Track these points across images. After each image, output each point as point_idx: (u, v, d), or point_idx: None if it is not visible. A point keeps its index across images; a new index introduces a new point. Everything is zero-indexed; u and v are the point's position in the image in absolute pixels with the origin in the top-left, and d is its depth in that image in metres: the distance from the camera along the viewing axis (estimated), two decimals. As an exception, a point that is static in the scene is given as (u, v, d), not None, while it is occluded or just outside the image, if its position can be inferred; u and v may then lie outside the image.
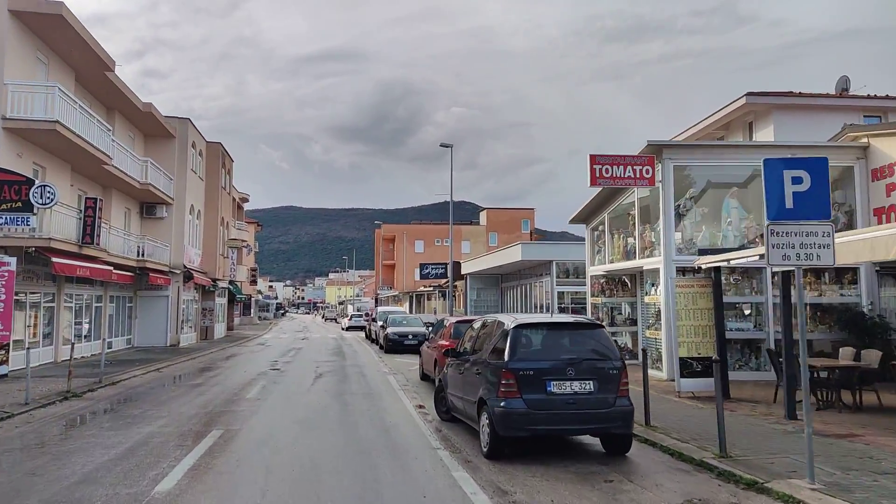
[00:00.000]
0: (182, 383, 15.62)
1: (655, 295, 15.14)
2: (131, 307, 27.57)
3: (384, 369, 18.63)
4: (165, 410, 11.25)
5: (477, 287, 34.67)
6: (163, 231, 28.27)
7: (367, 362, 21.13)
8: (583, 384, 7.17)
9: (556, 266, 23.55)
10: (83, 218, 18.68)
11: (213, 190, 33.38)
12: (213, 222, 33.34)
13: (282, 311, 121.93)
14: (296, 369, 18.73)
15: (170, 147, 28.83)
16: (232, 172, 38.23)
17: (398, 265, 70.47)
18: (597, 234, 19.16)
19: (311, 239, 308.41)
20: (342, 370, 18.45)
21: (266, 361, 21.49)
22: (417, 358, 21.94)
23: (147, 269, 25.33)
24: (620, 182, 14.74)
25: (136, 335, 27.79)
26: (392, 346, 25.01)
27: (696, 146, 17.92)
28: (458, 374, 8.97)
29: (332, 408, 11.49)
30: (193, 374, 17.81)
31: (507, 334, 7.51)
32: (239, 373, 17.75)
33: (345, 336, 41.69)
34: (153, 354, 23.64)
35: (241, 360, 22.67)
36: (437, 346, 13.67)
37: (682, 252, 14.73)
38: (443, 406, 9.99)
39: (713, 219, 15.29)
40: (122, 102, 24.27)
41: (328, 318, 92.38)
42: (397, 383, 15.06)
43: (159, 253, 27.15)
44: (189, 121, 29.33)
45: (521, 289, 30.12)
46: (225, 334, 40.16)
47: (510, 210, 70.03)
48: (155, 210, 28.05)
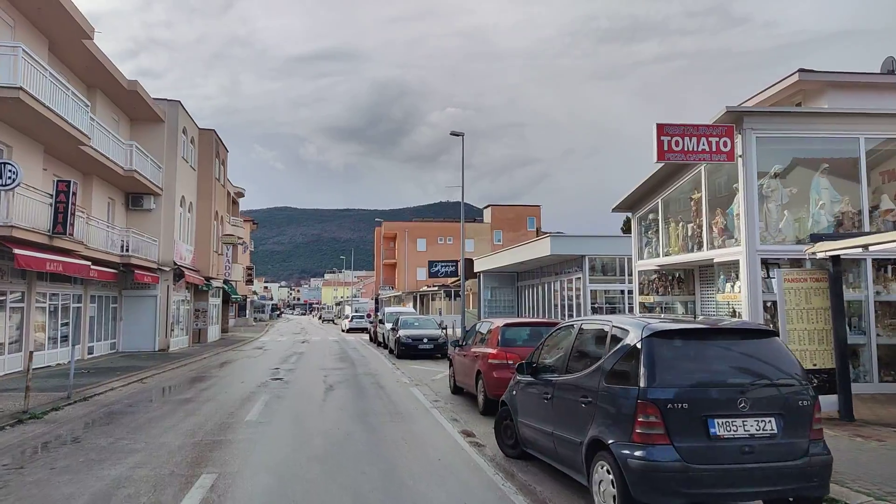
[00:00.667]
0: (168, 398, 13.12)
1: (734, 292, 12.73)
2: (115, 308, 25.02)
3: (403, 379, 16.17)
4: (143, 440, 8.77)
5: (491, 286, 32.25)
6: (151, 224, 25.73)
7: (381, 370, 18.67)
8: (761, 422, 4.74)
9: (588, 261, 21.15)
10: (55, 204, 16.14)
11: (206, 181, 30.84)
12: (207, 216, 30.80)
13: (277, 312, 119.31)
14: (301, 379, 16.25)
15: (158, 132, 26.28)
16: (226, 163, 35.70)
17: (399, 264, 67.97)
18: (646, 224, 16.73)
19: (306, 240, 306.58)
20: (355, 380, 15.98)
21: (266, 369, 19.00)
22: (436, 365, 19.60)
23: (132, 266, 22.78)
24: (693, 157, 12.31)
25: (120, 339, 25.23)
26: (405, 351, 22.56)
27: (783, 113, 15.15)
28: (540, 399, 6.52)
29: (355, 436, 9.02)
30: (183, 385, 15.30)
31: (636, 346, 5.07)
32: (236, 384, 15.26)
33: (347, 339, 39.21)
34: (139, 361, 21.11)
35: (238, 367, 20.16)
36: (477, 354, 11.20)
37: (765, 241, 12.33)
38: (508, 438, 7.54)
39: (800, 201, 12.90)
40: (105, 79, 21.72)
41: (326, 319, 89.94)
42: (426, 398, 12.60)
43: (146, 248, 24.61)
44: (179, 104, 26.80)
45: (542, 288, 27.71)
46: (219, 337, 37.60)
47: (516, 207, 67.67)
48: (142, 201, 25.50)
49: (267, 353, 26.55)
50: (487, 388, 10.21)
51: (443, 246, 66.39)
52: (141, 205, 25.50)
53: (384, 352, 26.46)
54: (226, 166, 35.61)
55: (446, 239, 67.37)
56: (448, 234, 67.56)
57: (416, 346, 22.48)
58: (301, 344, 32.96)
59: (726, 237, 13.38)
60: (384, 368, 19.23)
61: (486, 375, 10.25)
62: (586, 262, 21.15)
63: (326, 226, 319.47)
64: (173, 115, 26.63)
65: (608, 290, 21.70)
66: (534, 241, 22.30)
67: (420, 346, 22.49)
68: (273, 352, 27.15)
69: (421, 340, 22.59)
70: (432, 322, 25.23)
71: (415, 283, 64.79)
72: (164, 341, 25.80)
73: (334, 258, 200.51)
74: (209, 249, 30.91)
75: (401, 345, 22.67)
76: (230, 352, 27.35)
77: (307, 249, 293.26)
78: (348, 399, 12.68)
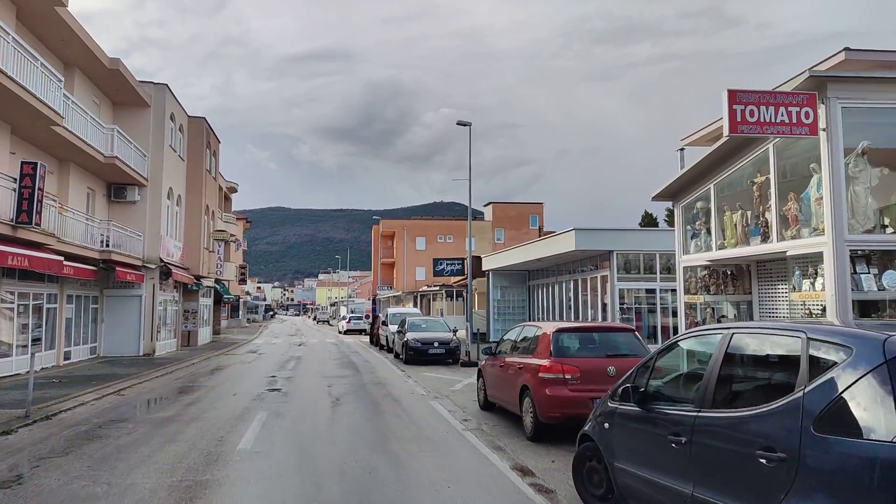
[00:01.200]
0: (146, 416, 11.10)
1: (814, 290, 10.83)
2: (96, 309, 22.93)
3: (419, 390, 14.19)
4: (105, 479, 6.77)
5: (501, 285, 30.30)
6: (135, 218, 23.66)
7: (391, 378, 16.69)
8: None
9: (616, 257, 19.23)
10: (18, 189, 14.08)
11: (197, 172, 28.77)
12: (197, 210, 28.72)
13: (271, 313, 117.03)
14: (302, 390, 14.25)
15: (143, 118, 24.21)
16: (218, 155, 33.60)
17: (398, 263, 65.94)
18: (693, 214, 14.80)
19: (299, 240, 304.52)
20: (364, 392, 14.00)
21: (261, 377, 16.99)
22: (450, 372, 17.59)
23: (113, 263, 20.70)
24: (770, 130, 10.39)
25: (101, 343, 23.14)
26: (414, 357, 20.59)
27: (878, 80, 13.08)
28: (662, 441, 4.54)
29: (380, 473, 7.05)
30: (166, 398, 13.27)
31: (875, 375, 3.12)
32: (227, 397, 13.24)
33: (345, 341, 37.20)
34: (120, 368, 19.06)
35: (230, 374, 18.13)
36: (522, 365, 9.21)
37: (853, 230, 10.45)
38: (595, 486, 5.56)
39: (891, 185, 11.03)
40: (83, 56, 19.66)
41: (320, 320, 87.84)
42: (452, 417, 10.64)
43: (130, 244, 22.54)
44: (167, 87, 24.73)
45: (558, 287, 25.79)
46: (210, 340, 35.50)
47: (517, 205, 65.76)
48: (125, 192, 23.41)
49: (262, 357, 24.52)
50: (538, 409, 8.26)
51: (443, 244, 64.39)
52: (124, 196, 23.41)
53: (389, 356, 24.47)
54: (218, 158, 33.52)
55: (446, 237, 65.40)
56: (448, 233, 65.61)
57: (427, 352, 20.51)
58: (298, 347, 30.92)
59: (801, 226, 11.49)
60: (393, 376, 17.24)
61: (537, 392, 8.31)
62: (615, 258, 19.24)
63: (320, 226, 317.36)
64: (160, 100, 24.56)
65: (638, 289, 19.77)
66: (556, 236, 20.36)
67: (430, 352, 20.52)
68: (268, 356, 25.11)
69: (431, 345, 20.62)
70: (442, 324, 23.25)
71: (414, 282, 62.78)
72: (149, 345, 23.72)
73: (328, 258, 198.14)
74: (199, 246, 28.83)
75: (409, 349, 20.70)
76: (222, 356, 25.30)
77: (301, 250, 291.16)
78: (361, 417, 10.70)
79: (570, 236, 19.40)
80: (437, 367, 19.65)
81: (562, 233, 20.31)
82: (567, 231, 19.56)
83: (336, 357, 24.46)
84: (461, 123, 28.33)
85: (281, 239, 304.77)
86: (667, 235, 19.87)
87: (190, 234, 28.46)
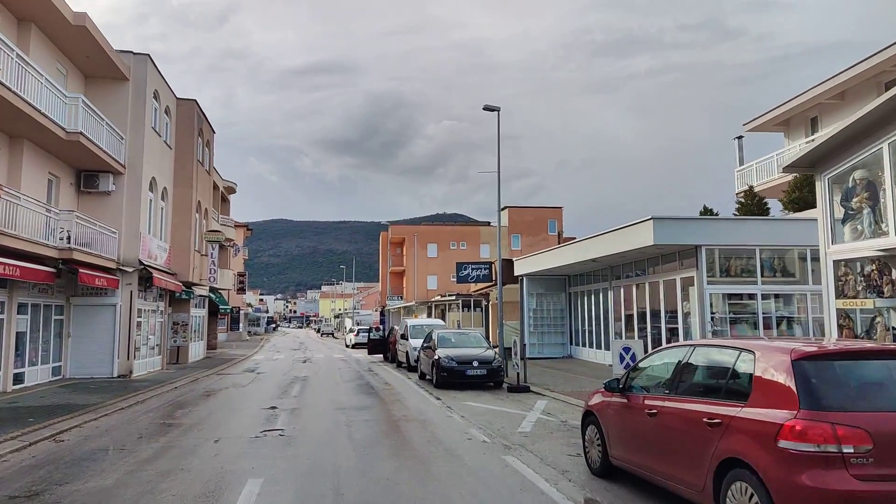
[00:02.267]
0: (74, 488, 7.11)
1: None
2: (61, 321, 19.01)
3: (475, 433, 10.18)
4: None
5: (536, 292, 26.33)
6: (110, 212, 19.81)
7: (427, 412, 12.70)
8: None
9: (705, 254, 15.26)
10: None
11: (186, 163, 24.94)
12: (186, 207, 24.86)
13: (273, 325, 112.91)
14: (312, 434, 10.27)
15: (120, 93, 20.42)
16: (213, 146, 29.78)
17: (408, 272, 61.98)
18: (848, 188, 10.85)
19: (301, 252, 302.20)
20: (399, 436, 10.01)
21: (257, 409, 13.01)
22: (496, 399, 13.23)
23: (76, 264, 16.80)
24: None
25: (68, 362, 19.21)
26: (447, 379, 16.61)
27: None
28: None
29: None
30: (118, 450, 9.28)
31: None
32: (205, 447, 9.26)
33: (354, 356, 33.20)
34: (82, 394, 15.12)
35: (218, 405, 14.14)
36: (715, 418, 5.17)
37: None
38: None
39: None
40: (40, 7, 15.89)
41: (325, 332, 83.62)
42: (556, 491, 6.65)
43: (102, 242, 18.66)
44: (149, 58, 20.94)
45: (611, 294, 21.81)
46: (204, 356, 31.51)
47: (535, 209, 61.81)
48: (97, 180, 19.56)
49: (260, 378, 20.53)
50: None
51: (456, 252, 60.44)
52: (96, 185, 19.56)
53: (411, 377, 20.46)
54: (212, 150, 29.69)
55: (459, 244, 61.49)
56: (462, 239, 61.71)
57: (464, 373, 16.51)
58: (302, 364, 26.93)
59: None
60: (428, 407, 13.24)
61: (774, 480, 4.29)
62: (703, 255, 15.27)
63: (322, 238, 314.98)
64: (140, 73, 20.77)
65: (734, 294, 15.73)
66: (624, 229, 16.41)
67: (468, 373, 16.52)
68: (268, 376, 21.13)
69: (469, 364, 16.62)
70: (478, 338, 19.24)
71: (425, 292, 58.81)
72: (125, 364, 19.75)
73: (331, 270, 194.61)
74: (189, 248, 24.93)
75: (442, 370, 16.70)
76: (213, 376, 21.32)
77: (303, 262, 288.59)
78: (409, 489, 6.71)
79: (645, 228, 15.45)
80: (477, 393, 15.65)
81: (631, 225, 16.35)
82: (641, 221, 15.60)
83: (349, 378, 20.46)
84: (488, 108, 24.78)
85: (283, 251, 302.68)
86: (774, 226, 15.90)
87: (178, 235, 24.58)
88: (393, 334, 28.43)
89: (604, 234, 18.15)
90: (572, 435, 9.75)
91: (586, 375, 18.64)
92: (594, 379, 17.55)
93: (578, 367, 21.33)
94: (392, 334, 28.81)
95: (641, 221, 15.57)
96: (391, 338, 28.67)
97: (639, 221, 15.72)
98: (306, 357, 32.37)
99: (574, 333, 25.66)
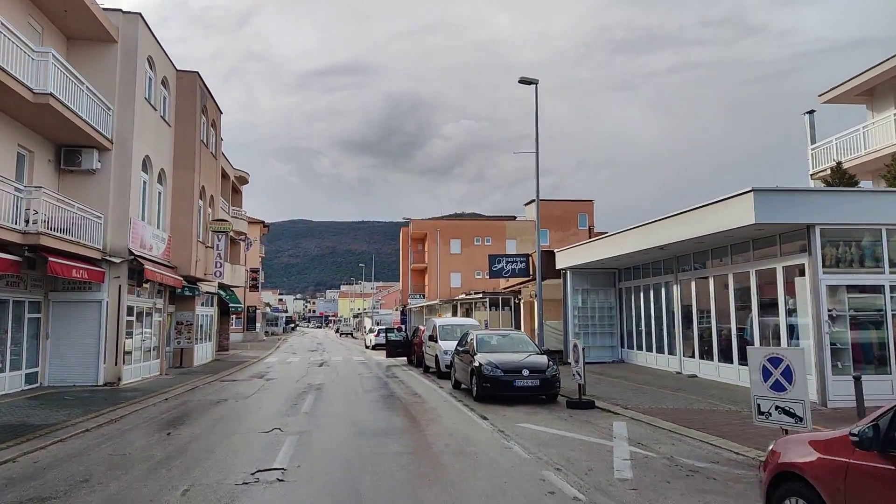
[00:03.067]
0: None
1: None
2: (38, 320, 16.36)
3: (556, 479, 7.12)
4: None
5: (582, 288, 23.17)
6: (95, 194, 17.14)
7: (475, 438, 9.69)
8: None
9: (819, 236, 12.04)
10: None
11: (188, 143, 22.22)
12: (188, 192, 22.14)
13: (292, 325, 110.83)
14: (323, 478, 7.32)
15: (107, 58, 17.73)
16: (219, 127, 27.05)
17: (430, 269, 59.06)
18: None
19: (321, 252, 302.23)
20: (444, 481, 7.02)
21: (255, 435, 10.13)
22: (563, 422, 9.71)
23: (45, 251, 14.08)
24: None
25: (46, 368, 16.56)
26: (491, 390, 13.59)
27: None
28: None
29: None
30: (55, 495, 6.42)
31: None
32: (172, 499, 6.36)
33: (374, 358, 30.35)
34: (51, 409, 12.42)
35: (210, 425, 11.28)
36: None
37: None
38: None
39: None
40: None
41: (343, 332, 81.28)
42: None
43: (85, 227, 15.97)
44: (140, 17, 18.20)
45: (675, 290, 18.66)
46: (212, 359, 28.87)
47: (563, 203, 58.39)
48: (79, 157, 16.87)
49: (268, 386, 17.72)
50: None
51: (480, 247, 57.41)
52: (78, 163, 16.87)
53: (443, 385, 17.48)
54: (218, 131, 26.97)
55: (484, 239, 58.42)
56: (486, 234, 58.63)
57: (511, 383, 13.47)
58: (318, 368, 24.11)
59: None
60: (476, 432, 10.22)
61: None
62: (817, 236, 12.04)
63: (341, 238, 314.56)
64: (131, 35, 18.06)
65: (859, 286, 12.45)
66: (714, 205, 13.12)
67: (517, 384, 13.46)
68: (278, 383, 18.32)
69: (518, 373, 13.57)
70: (524, 341, 16.12)
71: (448, 290, 55.83)
72: (112, 370, 17.05)
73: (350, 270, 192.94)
74: (191, 238, 22.20)
75: (484, 379, 13.67)
76: (216, 384, 18.56)
77: (322, 262, 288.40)
78: None
79: (742, 205, 12.25)
80: (531, 410, 12.61)
81: (719, 201, 13.15)
82: (737, 195, 12.41)
83: (370, 386, 17.54)
84: (524, 81, 22.04)
85: (303, 251, 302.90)
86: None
87: (179, 224, 21.88)
88: (418, 335, 25.51)
89: (679, 215, 14.94)
90: (702, 486, 6.70)
91: (652, 385, 15.51)
92: (666, 390, 14.42)
93: (636, 374, 18.19)
94: (417, 335, 25.89)
95: (737, 195, 12.37)
96: (416, 339, 25.75)
97: (733, 195, 12.51)
98: (323, 360, 29.57)
99: (626, 335, 22.48)
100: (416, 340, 25.30)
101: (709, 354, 16.71)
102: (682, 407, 12.12)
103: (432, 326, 21.88)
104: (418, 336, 25.19)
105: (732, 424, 10.30)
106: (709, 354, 16.71)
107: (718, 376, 15.98)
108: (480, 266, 56.49)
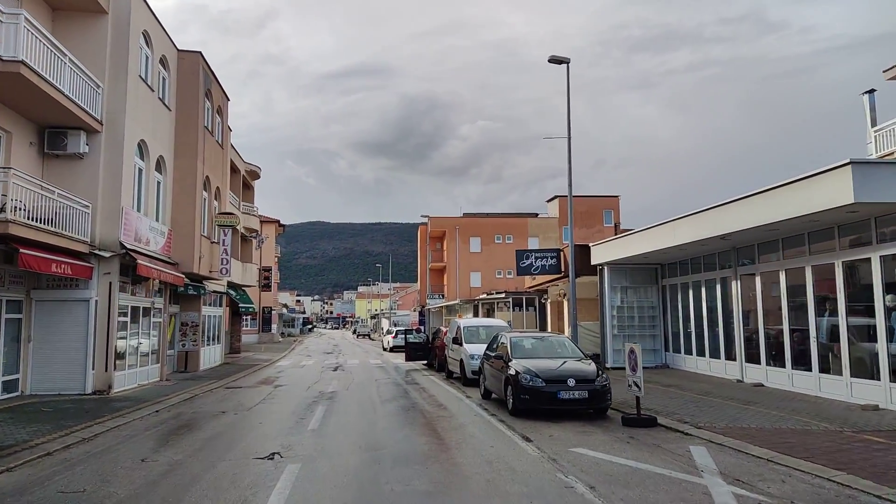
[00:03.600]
0: None
1: None
2: (18, 321, 14.67)
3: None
4: None
5: (620, 285, 21.02)
6: (83, 180, 15.43)
7: (522, 472, 7.68)
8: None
9: (935, 218, 9.89)
10: None
11: (189, 130, 20.49)
12: (190, 181, 20.41)
13: (309, 325, 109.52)
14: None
15: (97, 31, 16.01)
16: (225, 114, 25.30)
17: (449, 268, 57.09)
18: None
19: (338, 253, 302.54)
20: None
21: (249, 463, 8.22)
22: (625, 445, 7.42)
23: (16, 241, 12.33)
24: None
25: (28, 375, 14.85)
26: (529, 404, 11.57)
27: None
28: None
29: None
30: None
31: None
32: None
33: (392, 362, 28.44)
34: (21, 424, 10.64)
35: (197, 447, 9.39)
36: None
37: None
38: None
39: None
40: None
41: (361, 333, 79.65)
42: None
43: (69, 217, 14.23)
44: (133, -15, 16.47)
45: (732, 286, 16.50)
46: (222, 361, 27.17)
47: (588, 198, 56.06)
48: (65, 140, 15.15)
49: (276, 395, 15.86)
50: None
51: (501, 245, 55.37)
52: (63, 146, 15.14)
53: (470, 393, 15.47)
54: (225, 118, 25.23)
55: (505, 237, 56.35)
56: (507, 232, 56.55)
57: (555, 395, 11.42)
58: (332, 373, 22.25)
59: None
60: (521, 461, 8.20)
61: None
62: (933, 218, 9.87)
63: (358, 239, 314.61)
64: (123, 6, 16.34)
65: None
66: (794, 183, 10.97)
67: (561, 396, 11.41)
68: (287, 391, 16.47)
69: (562, 383, 11.52)
70: (564, 345, 14.03)
71: (468, 290, 53.83)
72: (102, 377, 15.31)
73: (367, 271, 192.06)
74: (193, 232, 20.45)
75: (522, 390, 11.65)
76: (219, 391, 16.76)
77: (339, 263, 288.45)
78: None
79: (837, 181, 10.10)
80: (580, 428, 10.55)
81: (804, 178, 10.98)
82: (830, 169, 10.25)
83: (388, 395, 15.60)
84: (555, 60, 20.48)
85: (320, 253, 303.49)
86: None
87: (180, 216, 20.15)
88: (439, 337, 23.54)
89: (749, 197, 12.74)
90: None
91: (715, 396, 13.36)
92: (733, 403, 12.27)
93: (690, 382, 16.05)
94: (438, 337, 23.92)
95: (830, 169, 10.22)
96: (437, 341, 23.78)
97: (823, 170, 10.36)
98: (338, 363, 27.73)
99: (671, 337, 20.30)
100: (438, 343, 23.34)
101: (778, 360, 14.51)
102: (768, 426, 9.99)
103: (456, 328, 19.90)
104: (440, 338, 23.23)
105: (844, 451, 8.17)
106: (778, 360, 14.51)
107: (792, 386, 13.77)
108: (501, 265, 54.44)
